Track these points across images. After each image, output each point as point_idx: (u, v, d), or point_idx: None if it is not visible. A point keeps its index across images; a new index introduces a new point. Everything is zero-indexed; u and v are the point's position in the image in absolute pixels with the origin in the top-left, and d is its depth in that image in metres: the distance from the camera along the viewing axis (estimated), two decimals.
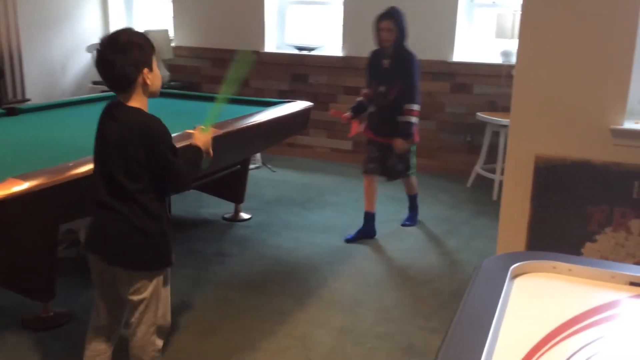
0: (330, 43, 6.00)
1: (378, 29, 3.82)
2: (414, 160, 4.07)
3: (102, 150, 2.07)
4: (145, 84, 2.02)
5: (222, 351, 2.72)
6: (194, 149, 2.22)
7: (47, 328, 2.85)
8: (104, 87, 6.50)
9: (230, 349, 2.75)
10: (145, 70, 2.00)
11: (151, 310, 2.15)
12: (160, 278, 2.16)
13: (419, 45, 5.23)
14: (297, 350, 2.75)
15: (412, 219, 4.32)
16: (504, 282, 1.64)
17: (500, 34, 5.10)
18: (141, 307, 2.14)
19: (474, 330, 1.40)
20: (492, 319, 1.43)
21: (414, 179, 4.20)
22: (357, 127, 4.11)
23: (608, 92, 2.37)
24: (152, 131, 2.01)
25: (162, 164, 2.03)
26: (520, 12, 2.46)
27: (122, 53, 1.95)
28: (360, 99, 4.06)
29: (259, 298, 3.24)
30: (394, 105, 3.84)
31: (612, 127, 2.38)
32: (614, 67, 2.33)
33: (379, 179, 4.08)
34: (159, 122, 2.03)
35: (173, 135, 2.15)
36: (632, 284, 1.68)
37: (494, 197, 4.90)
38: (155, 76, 2.06)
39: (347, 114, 4.06)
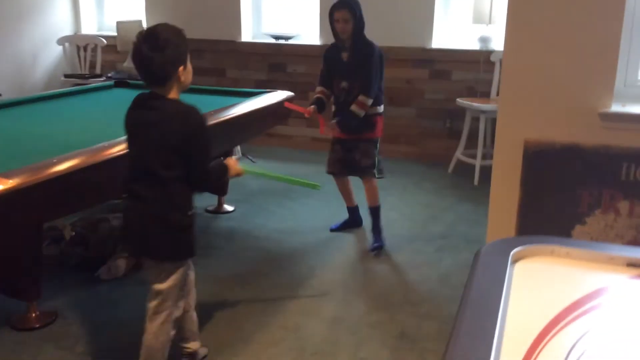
0: (307, 31, 5.95)
1: (333, 21, 3.51)
2: (378, 159, 3.72)
3: (138, 139, 2.14)
4: (179, 80, 2.10)
5: (214, 345, 2.69)
6: (223, 165, 2.31)
7: (34, 328, 2.78)
8: (76, 80, 6.37)
9: (223, 342, 2.72)
10: (181, 68, 2.09)
11: (171, 299, 2.24)
12: (183, 268, 2.26)
13: (397, 33, 5.26)
14: (291, 342, 2.74)
15: (379, 240, 3.74)
16: (506, 267, 1.65)
17: (478, 19, 5.12)
18: (162, 296, 2.22)
19: (482, 318, 1.40)
20: (499, 306, 1.43)
21: (376, 184, 3.75)
22: (326, 124, 3.70)
23: (595, 76, 2.39)
24: (193, 120, 2.10)
25: (197, 153, 2.11)
26: None
27: (160, 51, 2.03)
28: (318, 95, 3.72)
29: (249, 290, 3.21)
30: (352, 120, 3.55)
31: (600, 110, 2.41)
32: (601, 51, 2.35)
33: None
34: (198, 112, 2.12)
35: None
36: (630, 264, 1.70)
37: (476, 182, 4.94)
38: (188, 72, 2.15)
39: (311, 108, 3.63)
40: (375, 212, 3.78)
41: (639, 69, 2.55)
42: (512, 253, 1.73)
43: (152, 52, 2.02)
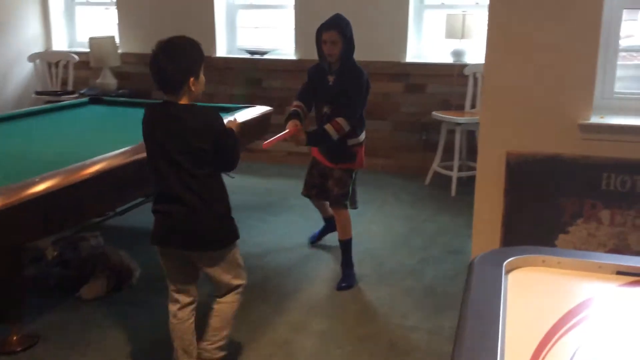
0: (282, 46, 5.98)
1: (321, 42, 3.28)
2: (352, 189, 3.49)
3: (164, 147, 2.24)
4: (190, 89, 2.23)
5: None
6: (231, 133, 2.40)
7: (16, 352, 2.71)
8: (48, 97, 6.26)
9: None
10: (192, 79, 2.21)
11: (235, 280, 2.49)
12: (233, 250, 2.47)
13: (372, 48, 5.31)
14: (280, 357, 2.73)
15: (349, 279, 3.46)
16: (501, 278, 1.68)
17: (450, 34, 5.22)
18: (225, 281, 2.46)
19: (484, 331, 1.41)
20: (499, 318, 1.45)
21: (347, 215, 3.49)
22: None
23: (575, 89, 2.46)
24: (217, 124, 2.27)
25: (225, 150, 2.31)
26: (487, 12, 2.52)
27: (173, 62, 2.19)
28: (294, 108, 3.45)
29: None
30: (324, 140, 3.31)
31: (580, 122, 2.48)
32: (579, 65, 2.43)
33: None
34: (217, 113, 2.30)
35: (136, 145, 2.72)
36: (619, 272, 1.75)
37: (453, 193, 5.01)
38: (200, 83, 2.27)
39: (292, 124, 3.30)
40: (345, 245, 3.50)
41: (615, 82, 2.63)
42: (505, 263, 1.76)
43: (165, 63, 2.17)
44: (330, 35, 3.24)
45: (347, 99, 3.26)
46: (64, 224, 2.82)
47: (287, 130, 3.27)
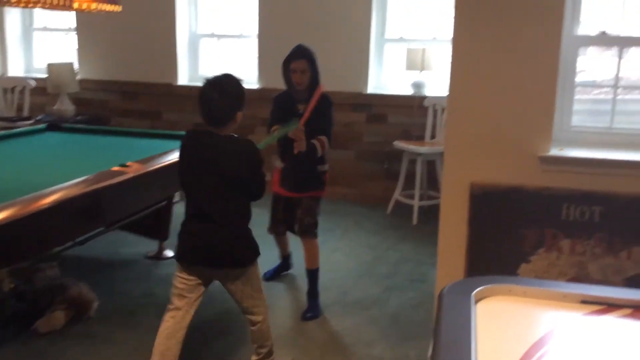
0: (245, 76, 5.99)
1: (289, 70, 3.33)
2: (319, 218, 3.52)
3: (203, 172, 2.45)
4: (234, 123, 2.46)
5: None
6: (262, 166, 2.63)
7: None
8: (3, 124, 6.06)
9: None
10: (239, 113, 2.46)
11: (255, 310, 2.67)
12: (256, 266, 2.65)
13: (335, 78, 5.38)
14: None
15: (314, 308, 3.44)
16: (470, 308, 1.70)
17: (411, 66, 5.34)
18: (255, 295, 2.64)
19: None
20: (471, 348, 1.47)
21: (317, 244, 3.50)
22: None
23: (535, 122, 2.54)
24: (255, 155, 2.48)
25: (259, 179, 2.53)
26: (451, 46, 2.60)
27: (224, 98, 2.42)
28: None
29: (198, 340, 3.11)
30: (308, 156, 3.27)
31: (540, 154, 2.55)
32: (539, 99, 2.51)
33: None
34: (254, 145, 2.49)
35: (97, 173, 2.98)
36: (583, 301, 1.80)
37: (414, 222, 5.06)
38: (240, 117, 2.49)
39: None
40: (313, 274, 3.48)
41: (571, 116, 2.73)
42: (473, 293, 1.78)
43: (219, 98, 2.40)
44: (299, 64, 3.32)
45: (322, 124, 3.34)
46: (22, 256, 2.72)
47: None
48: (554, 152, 2.58)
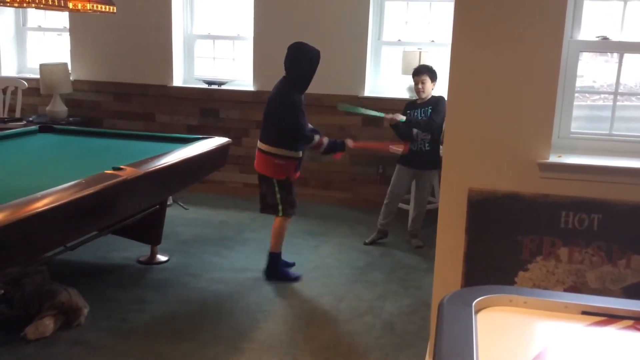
0: (241, 78, 5.95)
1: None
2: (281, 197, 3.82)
3: None
4: None
5: None
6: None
7: None
8: None
9: None
10: None
11: None
12: None
13: (331, 81, 5.35)
14: None
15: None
16: (471, 319, 1.66)
17: (407, 70, 5.30)
18: None
19: None
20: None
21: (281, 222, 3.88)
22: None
23: (534, 128, 2.51)
24: None
25: None
26: (450, 51, 2.56)
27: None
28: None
29: (189, 347, 3.06)
30: None
31: (539, 161, 2.52)
32: (539, 106, 2.48)
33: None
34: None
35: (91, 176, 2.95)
36: (584, 312, 1.76)
37: (409, 227, 5.01)
38: None
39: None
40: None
41: (571, 122, 2.70)
42: (474, 303, 1.74)
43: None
44: None
45: None
46: (11, 262, 2.66)
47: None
48: (553, 158, 2.55)
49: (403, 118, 4.47)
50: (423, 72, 4.55)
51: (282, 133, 3.78)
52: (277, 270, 3.92)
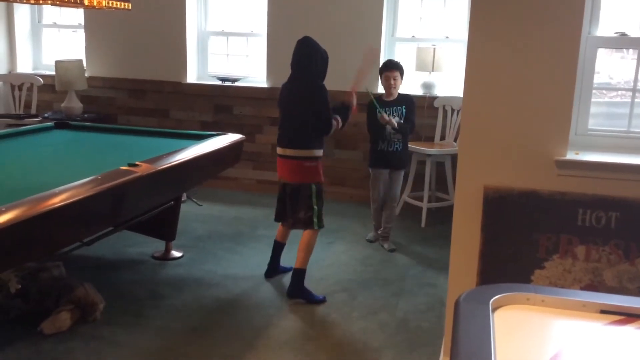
0: (254, 74, 5.96)
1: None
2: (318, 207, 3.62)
3: None
4: None
5: None
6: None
7: None
8: (10, 121, 6.08)
9: None
10: None
11: None
12: None
13: (345, 78, 5.33)
14: None
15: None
16: (489, 317, 1.65)
17: (421, 67, 5.28)
18: None
19: None
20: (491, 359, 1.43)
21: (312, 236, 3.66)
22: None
23: (551, 125, 2.48)
24: None
25: None
26: (466, 49, 2.54)
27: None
28: None
29: (203, 343, 3.08)
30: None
31: (556, 158, 2.50)
32: (556, 103, 2.46)
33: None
34: None
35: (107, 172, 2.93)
36: (603, 311, 1.75)
37: (423, 224, 5.01)
38: None
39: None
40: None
41: (588, 119, 2.67)
42: (491, 301, 1.73)
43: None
44: None
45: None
46: (29, 257, 2.69)
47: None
48: (570, 155, 2.52)
49: (395, 125, 4.35)
50: (396, 68, 4.40)
51: (313, 132, 3.57)
52: (303, 289, 3.60)
